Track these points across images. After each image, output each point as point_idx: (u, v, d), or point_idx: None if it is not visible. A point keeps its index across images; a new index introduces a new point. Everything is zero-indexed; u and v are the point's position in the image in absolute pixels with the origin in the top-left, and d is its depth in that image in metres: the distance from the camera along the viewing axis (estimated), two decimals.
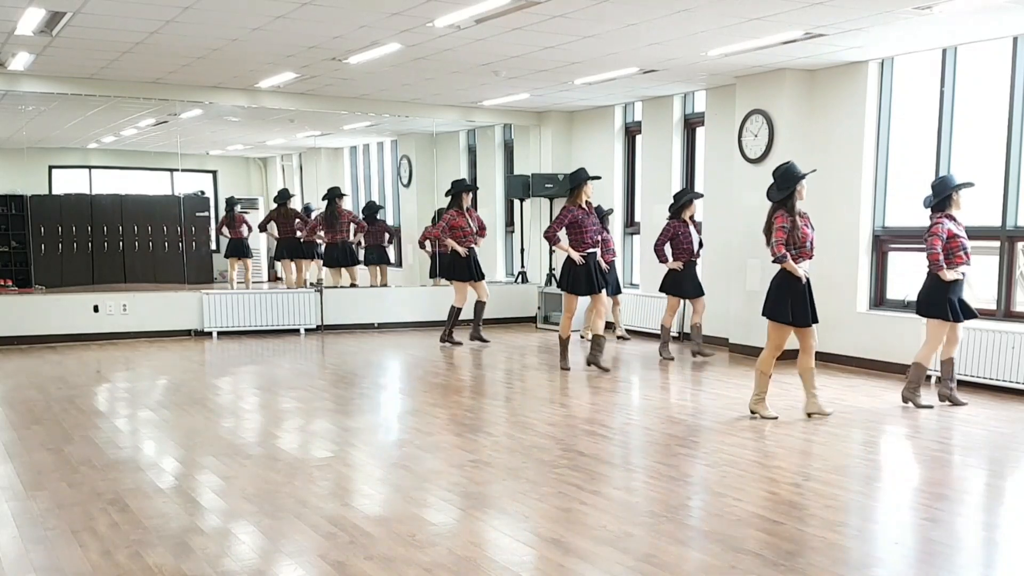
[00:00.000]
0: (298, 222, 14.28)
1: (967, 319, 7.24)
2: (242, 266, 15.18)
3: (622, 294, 11.65)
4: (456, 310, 11.04)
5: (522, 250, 13.70)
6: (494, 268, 14.47)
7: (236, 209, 15.33)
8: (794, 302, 6.77)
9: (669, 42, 8.16)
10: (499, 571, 3.91)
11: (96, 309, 11.28)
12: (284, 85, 10.67)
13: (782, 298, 6.80)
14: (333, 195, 13.52)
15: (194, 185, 17.75)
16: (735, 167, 10.20)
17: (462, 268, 10.92)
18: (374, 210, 14.44)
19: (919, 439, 6.53)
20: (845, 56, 8.78)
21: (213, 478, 5.37)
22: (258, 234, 15.71)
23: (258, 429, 6.95)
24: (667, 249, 9.77)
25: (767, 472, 5.57)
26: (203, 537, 4.34)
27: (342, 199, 13.72)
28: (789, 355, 7.85)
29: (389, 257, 14.72)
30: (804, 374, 7.00)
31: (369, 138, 16.70)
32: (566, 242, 9.00)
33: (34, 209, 14.96)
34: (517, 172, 13.88)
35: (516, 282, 13.67)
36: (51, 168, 16.11)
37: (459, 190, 11.03)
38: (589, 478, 5.34)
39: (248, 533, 4.42)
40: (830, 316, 8.60)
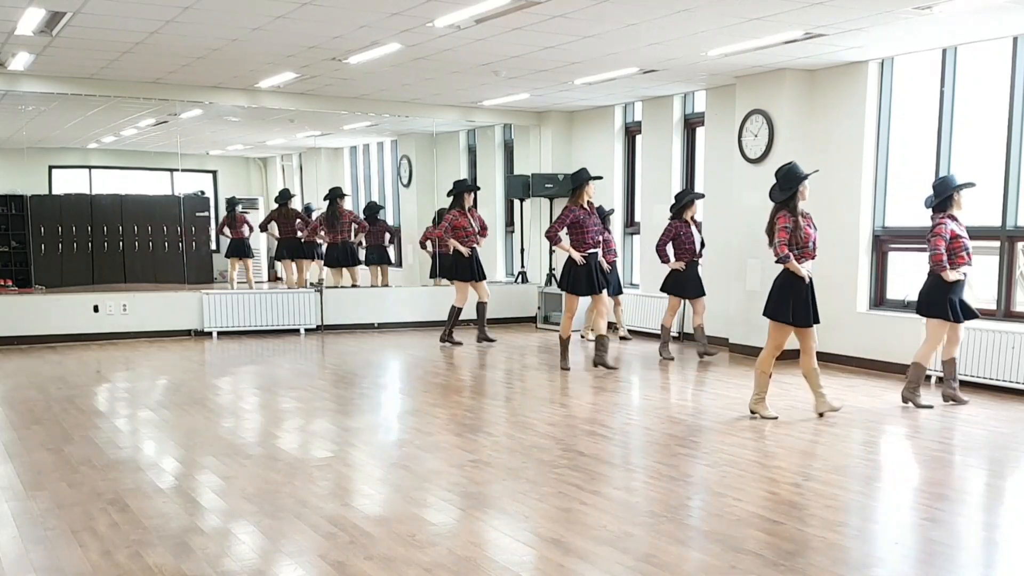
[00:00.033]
0: (299, 222, 14.27)
1: (967, 319, 7.24)
2: (243, 266, 15.18)
3: (623, 294, 11.67)
4: (457, 310, 11.04)
5: (522, 250, 13.70)
6: (494, 268, 14.47)
7: (237, 209, 15.32)
8: (796, 302, 6.77)
9: (669, 42, 8.16)
10: (499, 571, 3.91)
11: (96, 309, 11.29)
12: (284, 85, 10.67)
13: (784, 298, 6.79)
14: (334, 195, 13.53)
15: (194, 185, 17.75)
16: (735, 167, 10.20)
17: (464, 268, 10.92)
18: (375, 210, 14.44)
19: (919, 439, 6.53)
20: (845, 56, 8.78)
21: (213, 478, 5.37)
22: (258, 234, 15.71)
23: (258, 429, 6.95)
24: (669, 249, 9.78)
25: (767, 472, 5.57)
26: (203, 537, 4.34)
27: (343, 199, 13.73)
28: (789, 355, 7.86)
29: (390, 257, 14.73)
30: (808, 375, 7.00)
31: (369, 138, 16.70)
32: (567, 242, 9.00)
33: (34, 209, 14.96)
34: (517, 172, 13.88)
35: (516, 282, 13.67)
36: (51, 168, 16.11)
37: (461, 190, 11.04)
38: (589, 478, 5.34)
39: (248, 533, 4.42)
40: (830, 316, 8.60)
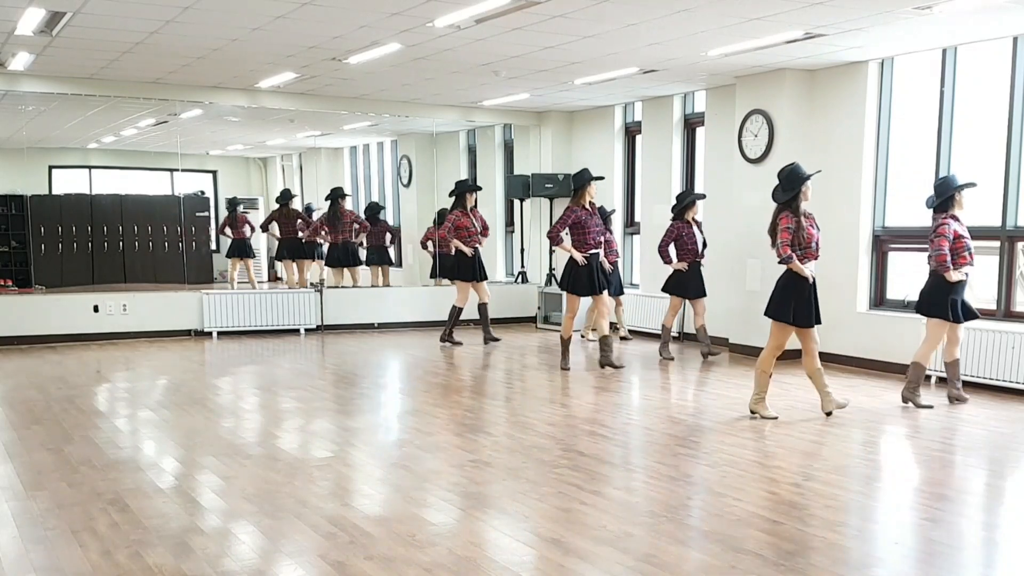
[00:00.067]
0: (300, 222, 14.28)
1: (968, 320, 7.24)
2: (244, 266, 15.19)
3: (624, 294, 11.66)
4: (458, 310, 11.04)
5: (522, 250, 13.70)
6: (494, 268, 14.46)
7: (239, 209, 15.33)
8: (798, 303, 6.78)
9: (669, 42, 8.16)
10: (499, 571, 3.91)
11: (96, 309, 11.29)
12: (284, 85, 10.67)
13: (786, 298, 6.80)
14: (336, 195, 13.56)
15: (194, 185, 17.75)
16: (735, 167, 10.20)
17: (466, 268, 10.93)
18: (376, 211, 14.45)
19: (919, 439, 6.53)
20: (845, 56, 8.78)
21: (213, 478, 5.37)
22: (259, 234, 15.72)
23: (258, 429, 6.95)
24: (671, 250, 9.79)
25: (767, 472, 5.57)
26: (203, 537, 4.34)
27: (345, 199, 13.75)
28: (790, 355, 7.86)
29: (391, 258, 14.73)
30: (813, 376, 7.00)
31: (369, 138, 16.70)
32: (569, 242, 9.00)
33: (34, 209, 14.95)
34: (517, 172, 13.88)
35: (516, 282, 13.67)
36: (51, 168, 16.11)
37: (463, 190, 11.05)
38: (589, 478, 5.34)
39: (248, 533, 4.42)
40: (830, 316, 8.59)
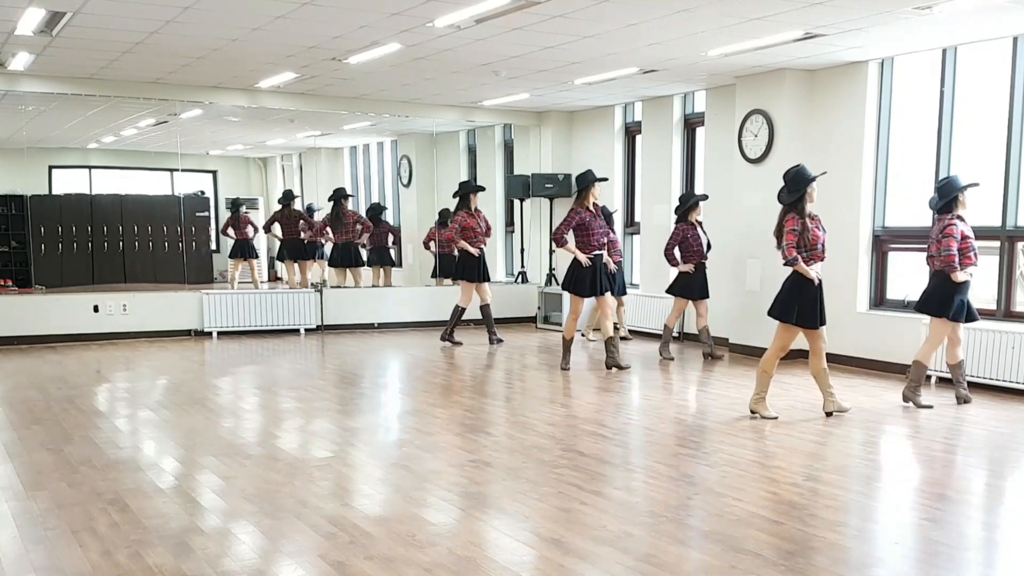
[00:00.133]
0: (302, 223, 14.30)
1: (969, 322, 7.25)
2: (247, 266, 15.20)
3: (626, 295, 11.65)
4: (461, 310, 11.05)
5: (522, 250, 13.70)
6: (494, 268, 14.46)
7: (241, 210, 15.34)
8: (802, 304, 6.78)
9: (669, 42, 8.16)
10: (499, 571, 3.91)
11: (96, 309, 11.28)
12: (284, 85, 10.67)
13: (791, 299, 6.81)
14: (339, 196, 13.58)
15: (194, 185, 17.75)
16: (735, 167, 10.19)
17: (472, 269, 10.95)
18: (379, 211, 14.45)
19: (919, 439, 6.53)
20: (845, 56, 8.77)
21: (213, 478, 5.37)
22: (261, 234, 15.72)
23: (258, 429, 6.95)
24: (676, 253, 9.79)
25: (767, 472, 5.57)
26: (203, 537, 4.34)
27: (347, 200, 13.76)
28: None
29: (392, 258, 14.73)
30: (817, 376, 7.00)
31: (369, 138, 16.69)
32: (572, 244, 9.01)
33: (34, 209, 14.96)
34: (517, 172, 13.88)
35: (516, 282, 13.67)
36: (51, 168, 16.11)
37: (467, 191, 11.04)
38: (589, 478, 5.34)
39: (248, 533, 4.42)
40: (830, 316, 8.50)
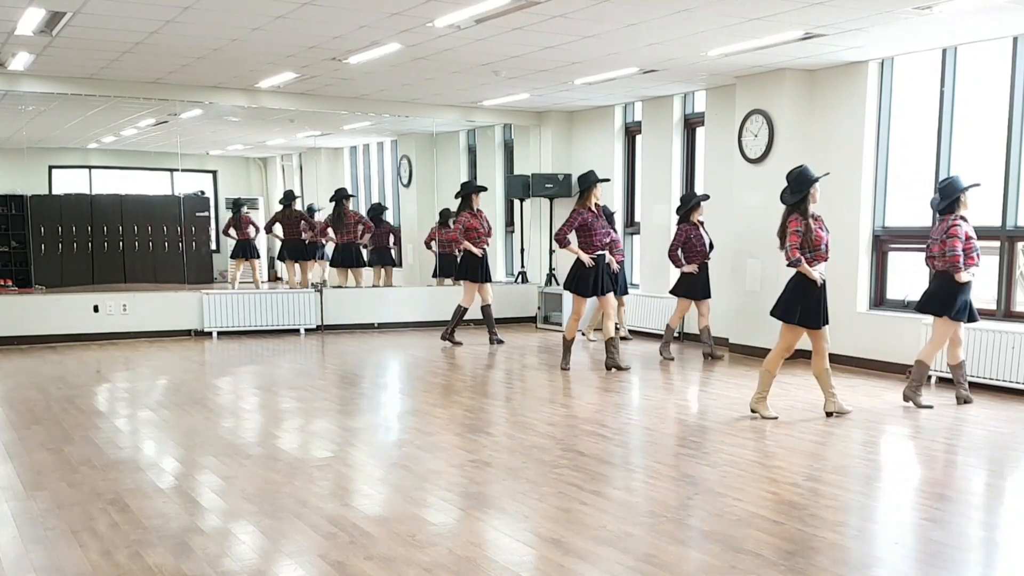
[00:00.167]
0: (303, 223, 14.31)
1: (970, 322, 7.25)
2: (249, 266, 15.21)
3: (628, 294, 11.65)
4: (463, 310, 11.05)
5: (522, 250, 13.70)
6: (494, 268, 14.45)
7: (243, 210, 15.35)
8: (805, 304, 6.78)
9: (669, 42, 8.16)
10: (499, 571, 3.91)
11: (96, 309, 11.28)
12: (284, 85, 10.67)
13: (795, 300, 6.81)
14: (340, 196, 13.59)
15: (194, 185, 17.75)
16: (735, 167, 10.19)
17: (475, 269, 10.96)
18: (380, 211, 14.46)
19: (919, 439, 6.54)
20: (845, 56, 8.77)
21: (213, 478, 5.37)
22: (262, 234, 15.72)
23: (258, 429, 6.95)
24: (679, 253, 9.79)
25: (767, 472, 5.57)
26: (203, 537, 4.34)
27: (349, 200, 13.77)
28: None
29: (393, 259, 14.74)
30: (820, 376, 7.00)
31: (369, 138, 16.69)
32: (575, 244, 9.02)
33: (34, 209, 14.95)
34: (517, 172, 13.89)
35: (516, 282, 13.67)
36: (51, 168, 16.11)
37: (470, 191, 11.04)
38: (589, 478, 5.34)
39: (248, 533, 4.42)
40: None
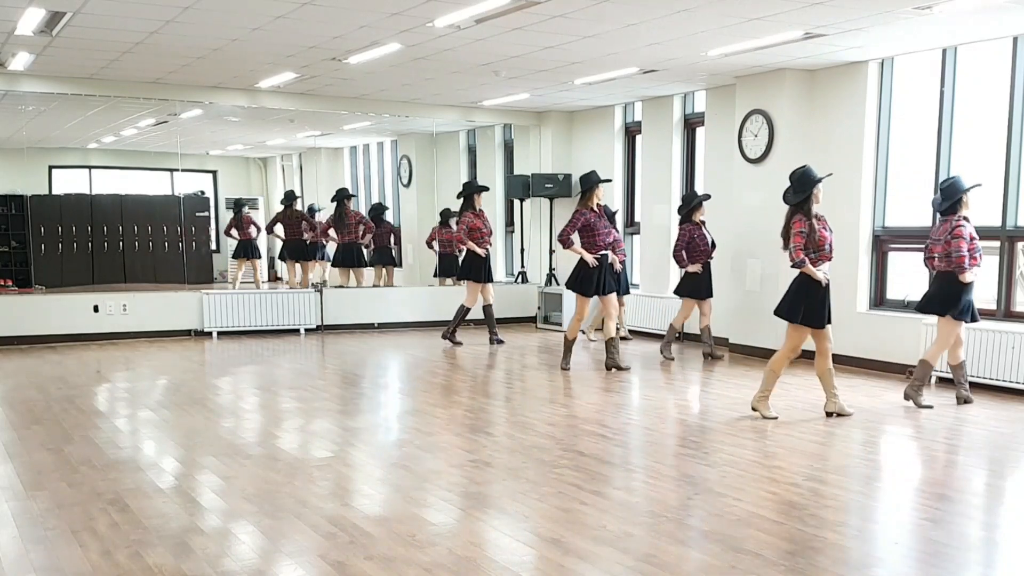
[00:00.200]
0: (305, 224, 14.32)
1: (971, 322, 7.26)
2: (250, 267, 15.21)
3: (629, 294, 11.64)
4: (466, 310, 11.05)
5: (522, 250, 13.70)
6: (494, 268, 14.45)
7: (244, 210, 15.35)
8: (809, 304, 6.78)
9: (669, 42, 8.16)
10: (499, 571, 3.91)
11: (96, 309, 11.28)
12: (284, 85, 10.67)
13: (798, 300, 6.81)
14: (342, 196, 13.60)
15: (194, 185, 17.75)
16: (735, 167, 10.19)
17: (479, 269, 10.96)
18: (381, 211, 14.47)
19: (919, 439, 6.54)
20: (845, 56, 8.77)
21: (213, 478, 5.37)
22: (264, 234, 15.72)
23: (258, 429, 6.95)
24: (683, 254, 9.79)
25: (767, 472, 5.57)
26: (203, 537, 4.34)
27: (350, 200, 13.77)
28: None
29: (394, 258, 14.74)
30: (823, 376, 7.01)
31: (369, 138, 16.69)
32: (578, 244, 9.02)
33: (34, 209, 14.96)
34: (517, 172, 13.89)
35: (516, 282, 13.67)
36: (51, 168, 16.12)
37: (471, 191, 11.04)
38: (589, 478, 5.34)
39: (248, 533, 4.42)
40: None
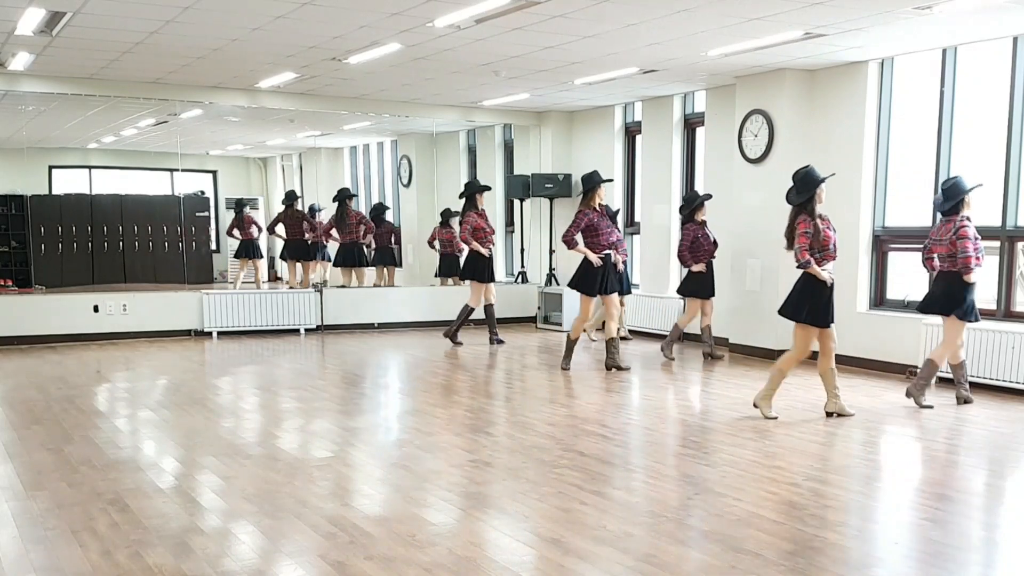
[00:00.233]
0: (306, 224, 14.32)
1: (974, 322, 7.26)
2: (252, 267, 15.21)
3: (630, 294, 11.63)
4: (470, 310, 11.06)
5: (522, 250, 13.70)
6: (494, 268, 14.45)
7: (245, 211, 15.35)
8: (813, 303, 6.78)
9: (669, 42, 8.16)
10: (499, 571, 3.91)
11: (96, 309, 11.28)
12: (284, 85, 10.67)
13: (803, 299, 6.81)
14: (343, 196, 13.61)
15: (194, 185, 17.74)
16: (735, 167, 10.19)
17: (482, 269, 10.96)
18: (382, 211, 14.47)
19: (919, 439, 6.54)
20: (845, 56, 8.77)
21: (213, 478, 5.37)
22: (265, 234, 15.72)
23: (258, 429, 6.95)
24: (687, 254, 9.79)
25: (767, 472, 5.57)
26: (203, 537, 4.34)
27: (352, 200, 13.77)
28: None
29: (395, 258, 14.74)
30: (824, 376, 7.01)
31: (369, 138, 16.69)
32: (582, 245, 9.03)
33: (34, 209, 14.95)
34: (517, 172, 13.88)
35: (516, 282, 13.67)
36: (51, 168, 16.10)
37: (474, 191, 11.04)
38: (589, 478, 5.34)
39: (248, 533, 4.42)
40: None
